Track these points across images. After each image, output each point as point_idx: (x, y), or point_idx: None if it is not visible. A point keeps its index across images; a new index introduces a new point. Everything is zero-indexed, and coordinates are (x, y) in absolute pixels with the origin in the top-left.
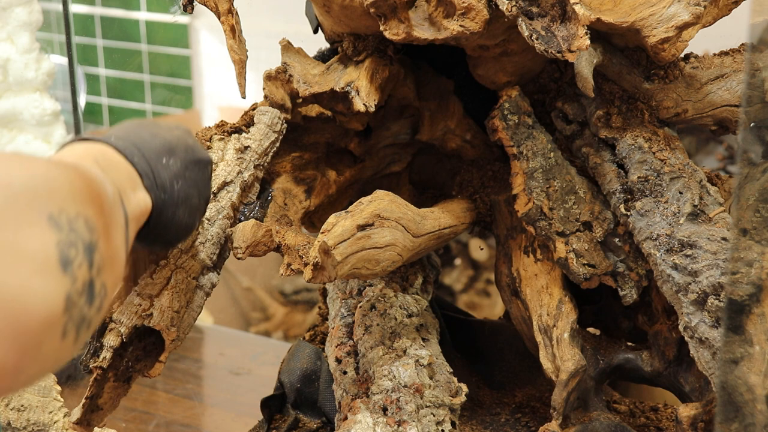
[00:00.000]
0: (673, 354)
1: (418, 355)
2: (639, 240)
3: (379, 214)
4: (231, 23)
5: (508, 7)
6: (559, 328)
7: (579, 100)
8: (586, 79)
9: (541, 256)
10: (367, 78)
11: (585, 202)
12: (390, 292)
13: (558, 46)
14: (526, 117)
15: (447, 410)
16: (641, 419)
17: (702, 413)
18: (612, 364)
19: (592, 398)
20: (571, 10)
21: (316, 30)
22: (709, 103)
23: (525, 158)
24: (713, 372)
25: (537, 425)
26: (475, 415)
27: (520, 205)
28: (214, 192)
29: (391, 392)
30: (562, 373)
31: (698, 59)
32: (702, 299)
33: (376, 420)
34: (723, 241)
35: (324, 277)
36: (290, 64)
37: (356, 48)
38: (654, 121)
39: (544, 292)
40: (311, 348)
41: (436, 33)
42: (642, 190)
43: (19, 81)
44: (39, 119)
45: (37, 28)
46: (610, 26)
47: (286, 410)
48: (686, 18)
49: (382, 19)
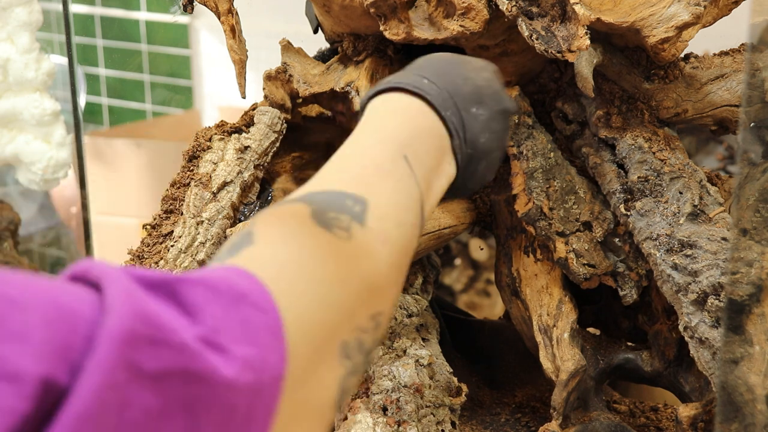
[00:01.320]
0: (673, 354)
1: (418, 355)
2: (639, 240)
3: None
4: (231, 23)
5: (508, 7)
6: (559, 328)
7: (579, 100)
8: (586, 79)
9: (541, 256)
10: (367, 78)
11: (585, 202)
12: None
13: (558, 46)
14: (526, 117)
15: (447, 410)
16: (641, 419)
17: (702, 413)
18: (612, 364)
19: (592, 398)
20: (571, 10)
21: (316, 30)
22: (709, 103)
23: (525, 158)
24: (713, 372)
25: (537, 425)
26: (475, 415)
27: (520, 205)
28: (214, 192)
29: (391, 392)
30: (562, 373)
31: (698, 59)
32: (702, 299)
33: (376, 420)
34: (723, 241)
35: None
36: (290, 64)
37: (356, 48)
38: (654, 121)
39: (544, 292)
40: None
41: (436, 33)
42: (642, 190)
43: (19, 81)
44: (39, 119)
45: (37, 28)
46: (610, 26)
47: None
48: (686, 18)
49: (382, 19)
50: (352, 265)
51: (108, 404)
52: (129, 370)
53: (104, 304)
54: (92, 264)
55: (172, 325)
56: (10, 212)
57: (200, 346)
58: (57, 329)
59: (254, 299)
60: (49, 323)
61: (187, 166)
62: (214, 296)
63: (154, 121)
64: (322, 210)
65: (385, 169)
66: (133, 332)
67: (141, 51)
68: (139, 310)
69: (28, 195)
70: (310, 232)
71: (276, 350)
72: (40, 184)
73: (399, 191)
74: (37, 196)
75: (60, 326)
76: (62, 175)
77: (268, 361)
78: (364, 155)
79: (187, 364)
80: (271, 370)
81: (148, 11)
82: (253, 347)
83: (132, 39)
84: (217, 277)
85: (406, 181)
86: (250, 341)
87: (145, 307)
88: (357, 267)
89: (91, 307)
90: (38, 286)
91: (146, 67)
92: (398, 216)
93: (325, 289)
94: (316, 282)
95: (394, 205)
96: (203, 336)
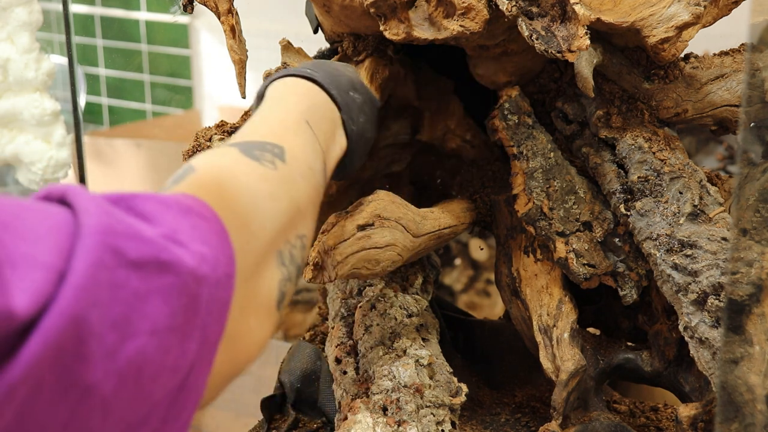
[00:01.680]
0: (673, 354)
1: (418, 355)
2: (639, 240)
3: (379, 214)
4: (231, 23)
5: (508, 7)
6: (559, 328)
7: (579, 100)
8: (586, 79)
9: (541, 256)
10: (367, 78)
11: (585, 202)
12: (390, 292)
13: (558, 46)
14: (526, 117)
15: (447, 410)
16: (641, 419)
17: (702, 413)
18: (612, 364)
19: (592, 398)
20: (571, 10)
21: (316, 30)
22: (709, 103)
23: (525, 158)
24: (713, 372)
25: (537, 425)
26: (475, 415)
27: (520, 205)
28: None
29: (391, 392)
30: (562, 373)
31: (698, 59)
32: (702, 299)
33: (376, 420)
34: (723, 241)
35: (324, 277)
36: (290, 64)
37: (356, 48)
38: (654, 121)
39: (544, 292)
40: (311, 348)
41: (436, 33)
42: (642, 190)
43: (19, 81)
44: (39, 119)
45: (37, 28)
46: (610, 26)
47: (286, 410)
48: (686, 18)
49: (382, 19)
50: (282, 187)
51: (101, 282)
52: (115, 254)
53: (77, 210)
54: (53, 185)
55: (139, 225)
56: None
57: (165, 241)
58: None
59: (199, 211)
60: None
61: None
62: (165, 208)
63: (154, 121)
64: (249, 149)
65: (292, 129)
66: (111, 227)
67: (141, 51)
68: (109, 212)
69: (28, 195)
70: (244, 162)
71: (224, 251)
72: (40, 184)
73: (306, 145)
74: None
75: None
76: (62, 175)
77: (220, 259)
78: (272, 120)
79: (159, 254)
80: (224, 267)
81: (148, 11)
82: (206, 246)
83: (132, 39)
84: (164, 196)
85: (311, 140)
86: (203, 242)
87: (114, 210)
88: (285, 189)
89: (66, 214)
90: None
91: (146, 67)
92: (308, 161)
93: (261, 204)
94: (252, 197)
95: (304, 153)
96: (165, 234)
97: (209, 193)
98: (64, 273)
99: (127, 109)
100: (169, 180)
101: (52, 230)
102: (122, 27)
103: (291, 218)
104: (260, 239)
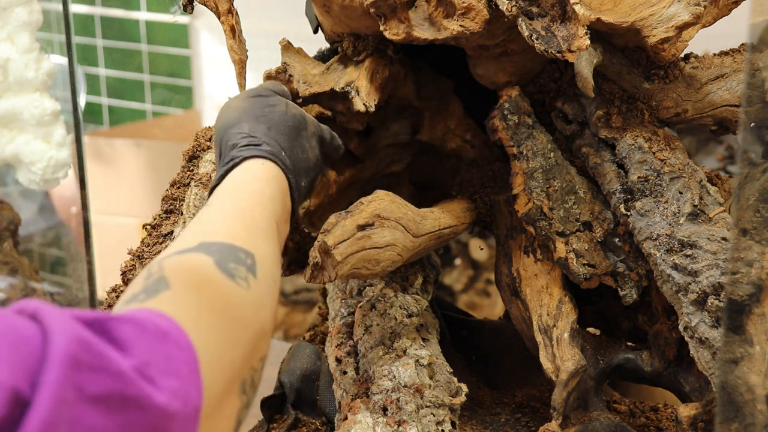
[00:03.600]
0: (673, 354)
1: (418, 355)
2: (639, 240)
3: (379, 214)
4: (231, 23)
5: (508, 7)
6: (559, 328)
7: (579, 100)
8: (586, 79)
9: (541, 256)
10: (367, 78)
11: (585, 202)
12: (390, 292)
13: (558, 46)
14: (526, 117)
15: (447, 410)
16: (641, 419)
17: (702, 413)
18: (612, 364)
19: (592, 398)
20: (571, 10)
21: (316, 30)
22: (709, 103)
23: (525, 158)
24: (713, 372)
25: (537, 425)
26: (475, 415)
27: (520, 205)
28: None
29: (391, 392)
30: (562, 373)
31: (698, 59)
32: (702, 299)
33: (376, 420)
34: (723, 241)
35: (324, 277)
36: (290, 64)
37: (356, 48)
38: (654, 121)
39: (544, 292)
40: (311, 348)
41: (436, 33)
42: (642, 190)
43: (19, 81)
44: (39, 119)
45: (37, 28)
46: (610, 26)
47: (286, 410)
48: (686, 18)
49: (382, 19)
50: (253, 312)
51: (62, 418)
52: (75, 390)
53: (46, 332)
54: (28, 301)
55: (110, 354)
56: (10, 212)
57: (135, 375)
58: (20, 350)
59: (175, 337)
60: (13, 345)
61: (187, 166)
62: (141, 333)
63: (154, 121)
64: (223, 260)
65: (264, 232)
66: (76, 357)
67: (141, 51)
68: (80, 338)
69: (28, 195)
70: (219, 279)
71: (194, 384)
72: (40, 184)
73: (274, 252)
74: (37, 196)
75: (22, 348)
76: (62, 175)
77: (190, 392)
78: (247, 218)
79: (125, 389)
80: (192, 401)
81: (148, 11)
82: (177, 380)
83: (132, 39)
84: (141, 317)
85: (277, 245)
86: (174, 374)
87: (83, 335)
88: (256, 314)
89: (35, 333)
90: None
91: (146, 67)
92: (274, 273)
93: (233, 333)
94: (226, 325)
95: (271, 263)
96: (135, 367)
97: (187, 318)
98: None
99: (127, 109)
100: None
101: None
102: (122, 27)
103: (257, 343)
104: (229, 372)
